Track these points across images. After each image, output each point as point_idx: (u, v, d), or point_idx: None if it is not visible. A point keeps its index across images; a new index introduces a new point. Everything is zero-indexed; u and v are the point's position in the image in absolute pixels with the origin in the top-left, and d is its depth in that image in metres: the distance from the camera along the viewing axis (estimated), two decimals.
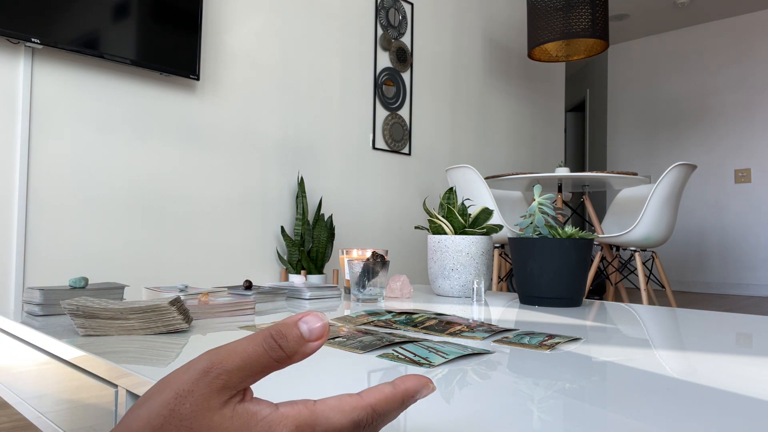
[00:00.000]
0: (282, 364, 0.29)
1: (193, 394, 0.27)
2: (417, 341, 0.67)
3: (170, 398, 0.27)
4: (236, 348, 0.28)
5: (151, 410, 0.28)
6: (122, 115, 2.23)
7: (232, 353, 0.28)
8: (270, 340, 0.28)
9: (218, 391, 0.27)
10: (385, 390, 0.30)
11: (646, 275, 2.94)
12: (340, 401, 0.29)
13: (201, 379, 0.27)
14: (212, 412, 0.27)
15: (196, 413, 0.27)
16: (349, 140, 3.12)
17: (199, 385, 0.27)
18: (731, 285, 5.38)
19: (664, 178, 2.82)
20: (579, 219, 6.35)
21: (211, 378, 0.27)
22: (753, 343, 0.75)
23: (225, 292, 1.08)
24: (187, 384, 0.27)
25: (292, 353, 0.29)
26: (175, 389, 0.28)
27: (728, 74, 5.51)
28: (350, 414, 0.29)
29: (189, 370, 0.28)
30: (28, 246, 1.97)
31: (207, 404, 0.27)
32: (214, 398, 0.27)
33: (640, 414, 0.42)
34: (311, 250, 2.71)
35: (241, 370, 0.28)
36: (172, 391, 0.28)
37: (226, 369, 0.28)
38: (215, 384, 0.27)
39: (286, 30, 2.83)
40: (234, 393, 0.28)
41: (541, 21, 3.39)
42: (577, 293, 1.10)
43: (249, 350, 0.28)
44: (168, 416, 0.27)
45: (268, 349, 0.28)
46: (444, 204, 1.34)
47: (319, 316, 0.30)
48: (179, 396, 0.27)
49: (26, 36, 1.89)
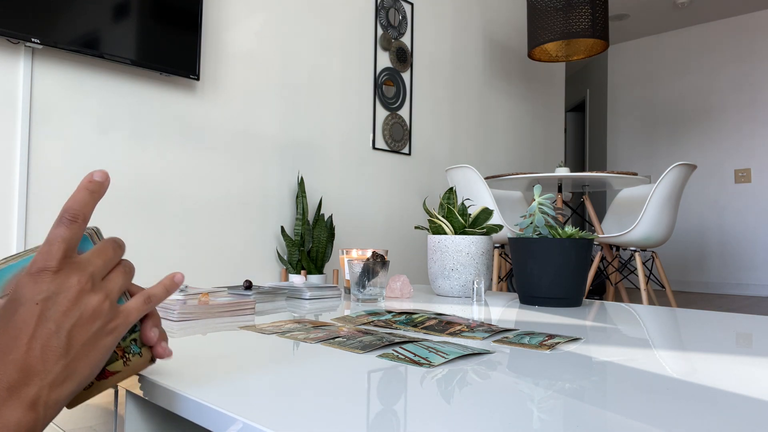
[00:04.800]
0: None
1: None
2: (417, 341, 0.67)
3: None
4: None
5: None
6: (122, 115, 2.23)
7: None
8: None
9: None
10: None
11: (646, 275, 2.94)
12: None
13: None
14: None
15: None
16: (349, 140, 3.12)
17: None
18: (731, 285, 5.38)
19: (664, 178, 2.82)
20: (579, 219, 6.35)
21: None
22: (753, 343, 0.75)
23: (225, 292, 1.08)
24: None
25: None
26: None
27: (728, 74, 5.51)
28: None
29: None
30: (28, 246, 1.97)
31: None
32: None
33: (640, 414, 0.42)
34: (311, 250, 2.71)
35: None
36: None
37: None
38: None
39: (286, 30, 2.82)
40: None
41: (541, 21, 3.38)
42: (577, 293, 1.10)
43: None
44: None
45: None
46: (444, 204, 1.34)
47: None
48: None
49: (26, 36, 1.88)
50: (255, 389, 0.47)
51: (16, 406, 0.36)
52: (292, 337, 0.72)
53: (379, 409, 0.42)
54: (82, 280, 0.40)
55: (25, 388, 0.36)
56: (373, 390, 0.48)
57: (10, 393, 0.36)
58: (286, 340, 0.70)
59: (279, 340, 0.70)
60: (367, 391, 0.48)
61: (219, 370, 0.54)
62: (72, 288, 0.39)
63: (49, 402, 0.38)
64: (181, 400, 0.46)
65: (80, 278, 0.40)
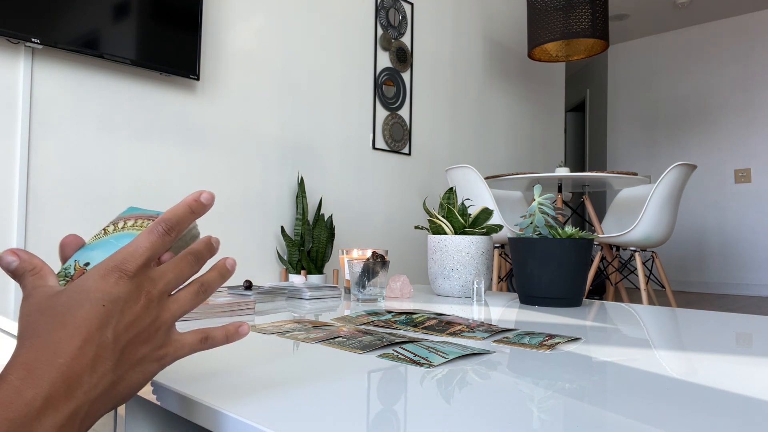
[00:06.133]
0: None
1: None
2: (417, 341, 0.67)
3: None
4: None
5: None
6: (122, 114, 2.23)
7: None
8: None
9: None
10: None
11: (646, 275, 2.94)
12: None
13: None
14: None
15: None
16: (349, 140, 3.12)
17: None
18: (731, 285, 5.38)
19: (664, 178, 2.82)
20: (579, 219, 6.35)
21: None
22: (753, 343, 0.75)
23: (225, 292, 1.08)
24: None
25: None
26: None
27: (728, 74, 5.51)
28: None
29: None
30: (28, 246, 1.97)
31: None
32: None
33: (640, 414, 0.42)
34: (311, 250, 2.71)
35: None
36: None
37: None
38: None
39: (286, 30, 2.83)
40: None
41: (541, 21, 3.39)
42: (577, 293, 1.10)
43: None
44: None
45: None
46: (444, 204, 1.34)
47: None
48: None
49: (26, 36, 1.88)
50: (255, 389, 0.47)
51: (49, 424, 0.31)
52: (292, 337, 0.72)
53: (379, 409, 0.42)
54: (152, 294, 0.37)
55: (65, 402, 0.32)
56: (373, 390, 0.48)
57: (47, 404, 0.31)
58: (286, 340, 0.70)
59: (279, 340, 0.70)
60: (367, 391, 0.48)
61: (218, 370, 0.54)
62: (140, 302, 0.37)
63: (84, 421, 0.34)
64: (181, 401, 0.46)
65: (149, 292, 0.37)
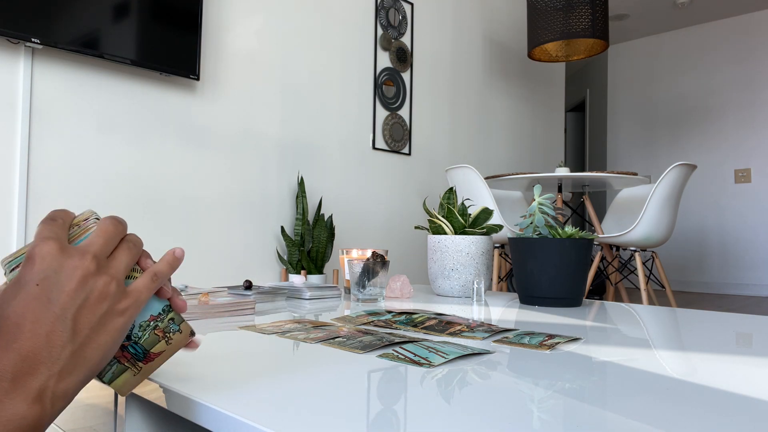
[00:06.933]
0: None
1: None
2: (417, 341, 0.67)
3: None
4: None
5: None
6: (122, 115, 2.23)
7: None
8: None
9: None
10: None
11: (646, 275, 2.94)
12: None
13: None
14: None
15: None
16: (349, 140, 3.12)
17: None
18: (731, 285, 5.38)
19: (664, 178, 2.82)
20: (579, 219, 6.35)
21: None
22: (753, 343, 0.75)
23: (225, 292, 1.08)
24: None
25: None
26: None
27: (728, 74, 5.51)
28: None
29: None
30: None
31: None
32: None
33: (640, 414, 0.42)
34: (311, 250, 2.71)
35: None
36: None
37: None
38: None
39: (286, 30, 2.82)
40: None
41: (541, 21, 3.38)
42: (577, 293, 1.10)
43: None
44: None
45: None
46: (444, 204, 1.34)
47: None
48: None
49: (26, 36, 1.88)
50: (255, 389, 0.47)
51: (20, 399, 0.34)
52: (292, 337, 0.72)
53: (379, 409, 0.42)
54: (85, 260, 0.38)
55: (30, 379, 0.34)
56: (373, 390, 0.48)
57: (14, 384, 0.34)
58: (286, 340, 0.70)
59: (279, 340, 0.70)
60: (367, 391, 0.48)
61: (218, 370, 0.54)
62: (76, 269, 0.37)
63: (56, 393, 0.35)
64: (181, 401, 0.46)
65: (83, 258, 0.38)
